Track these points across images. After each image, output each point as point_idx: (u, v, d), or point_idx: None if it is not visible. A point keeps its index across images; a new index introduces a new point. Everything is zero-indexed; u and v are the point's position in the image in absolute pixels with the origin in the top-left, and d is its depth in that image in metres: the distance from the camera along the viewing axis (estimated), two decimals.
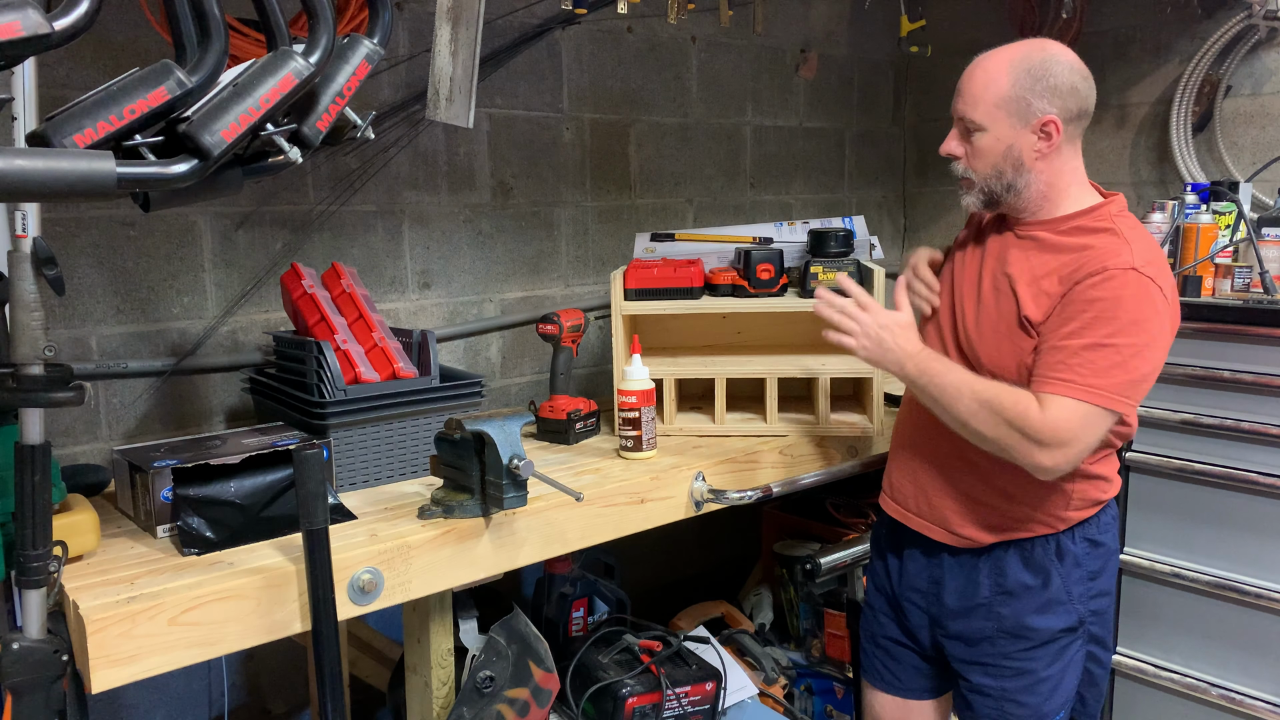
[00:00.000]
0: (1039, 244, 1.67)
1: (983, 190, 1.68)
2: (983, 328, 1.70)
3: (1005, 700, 1.76)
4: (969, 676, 1.80)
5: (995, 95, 1.62)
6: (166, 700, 2.26)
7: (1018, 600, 1.73)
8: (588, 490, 1.84)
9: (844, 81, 3.47)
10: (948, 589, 1.80)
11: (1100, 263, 1.57)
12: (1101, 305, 1.55)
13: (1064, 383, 1.55)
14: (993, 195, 1.68)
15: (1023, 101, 1.61)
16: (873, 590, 1.99)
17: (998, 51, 1.66)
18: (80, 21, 1.10)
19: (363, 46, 1.44)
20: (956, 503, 1.76)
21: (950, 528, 1.77)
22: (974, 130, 1.65)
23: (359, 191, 2.40)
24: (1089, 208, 1.67)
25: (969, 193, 1.71)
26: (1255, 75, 2.86)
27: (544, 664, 1.86)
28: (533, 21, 2.61)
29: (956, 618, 1.79)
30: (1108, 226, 1.62)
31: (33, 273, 1.31)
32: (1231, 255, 2.50)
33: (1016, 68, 1.61)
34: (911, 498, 1.83)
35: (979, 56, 1.67)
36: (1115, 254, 1.57)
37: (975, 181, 1.68)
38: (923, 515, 1.81)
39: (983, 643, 1.77)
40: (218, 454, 1.71)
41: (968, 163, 1.68)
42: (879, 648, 1.97)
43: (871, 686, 2.01)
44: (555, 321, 2.26)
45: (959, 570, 1.79)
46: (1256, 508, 2.27)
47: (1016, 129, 1.63)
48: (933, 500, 1.79)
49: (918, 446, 1.83)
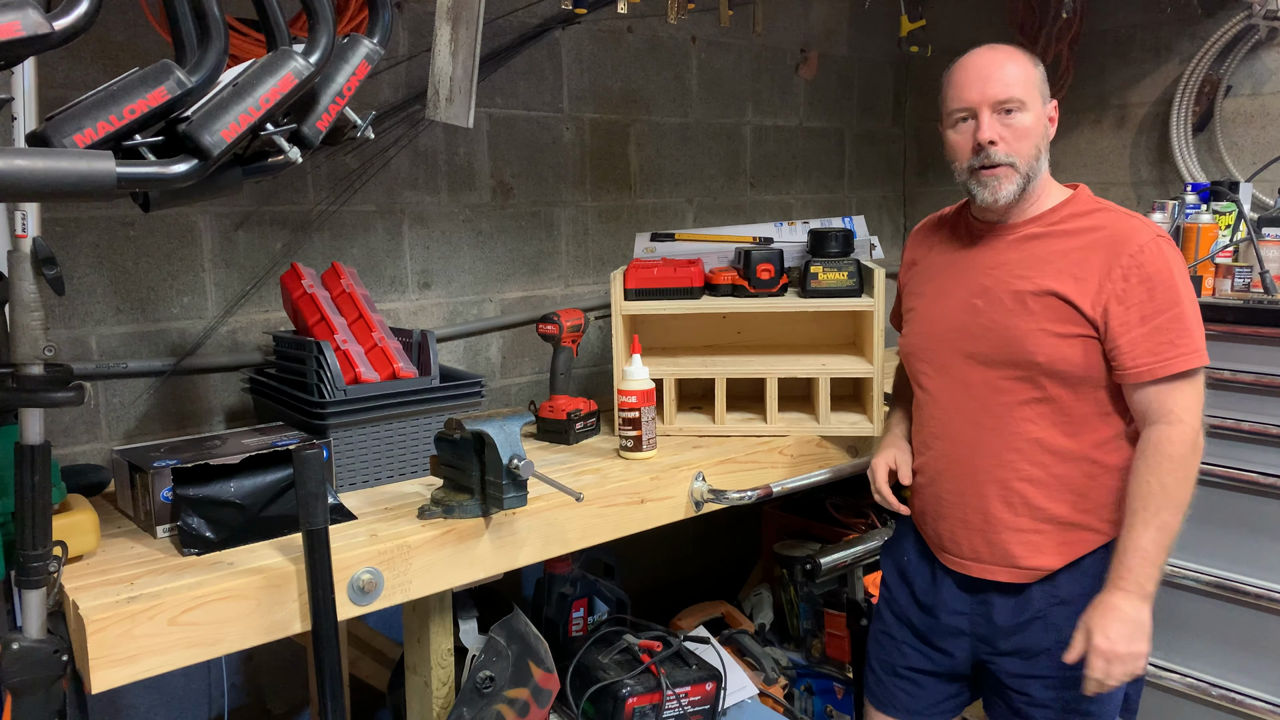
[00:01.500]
0: (1038, 238, 1.68)
1: (1025, 175, 1.65)
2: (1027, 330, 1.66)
3: (1069, 712, 1.70)
4: (1028, 691, 1.72)
5: (1028, 74, 1.66)
6: (166, 700, 2.26)
7: (1074, 608, 1.67)
8: (588, 490, 1.84)
9: (844, 81, 3.47)
10: (997, 608, 1.73)
11: (1132, 239, 1.61)
12: (1159, 279, 1.59)
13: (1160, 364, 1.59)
14: (1028, 179, 1.67)
15: (1044, 84, 1.69)
16: (891, 619, 1.90)
17: (993, 47, 1.69)
18: (80, 21, 1.10)
19: (363, 46, 1.44)
20: (1019, 538, 1.70)
21: (1016, 564, 1.70)
22: (1016, 110, 1.64)
23: (359, 191, 2.40)
24: (1068, 199, 1.71)
25: (1009, 181, 1.65)
26: (1255, 75, 2.86)
27: (544, 664, 1.86)
28: (533, 21, 2.61)
29: (1010, 635, 1.72)
30: (1098, 207, 1.68)
31: (33, 273, 1.31)
32: (1231, 255, 2.50)
33: (1026, 54, 1.68)
34: (966, 544, 1.75)
35: (975, 52, 1.69)
36: (1134, 229, 1.62)
37: (1018, 166, 1.65)
38: (982, 559, 1.73)
39: (1041, 655, 1.70)
40: (218, 454, 1.71)
41: (1010, 146, 1.64)
42: (900, 678, 1.88)
43: (882, 714, 1.92)
44: (555, 321, 2.26)
45: (1009, 589, 1.73)
46: (1257, 508, 2.27)
47: (1041, 109, 1.68)
48: (993, 541, 1.72)
49: (963, 493, 1.74)
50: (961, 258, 1.77)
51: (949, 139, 1.71)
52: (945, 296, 1.77)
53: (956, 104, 1.68)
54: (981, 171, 1.66)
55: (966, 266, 1.75)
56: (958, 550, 1.76)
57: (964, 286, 1.74)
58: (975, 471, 1.72)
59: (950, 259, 1.80)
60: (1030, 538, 1.69)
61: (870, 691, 1.96)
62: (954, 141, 1.70)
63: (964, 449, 1.74)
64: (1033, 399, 1.66)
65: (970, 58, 1.68)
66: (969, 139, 1.67)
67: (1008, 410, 1.68)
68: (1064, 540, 1.69)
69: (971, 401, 1.72)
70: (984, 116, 1.64)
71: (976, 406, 1.71)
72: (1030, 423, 1.67)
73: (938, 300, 1.79)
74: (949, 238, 1.83)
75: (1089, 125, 3.21)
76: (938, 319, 1.78)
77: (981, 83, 1.65)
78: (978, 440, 1.71)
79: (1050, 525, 1.69)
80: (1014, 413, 1.68)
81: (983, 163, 1.65)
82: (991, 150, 1.64)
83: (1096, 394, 1.65)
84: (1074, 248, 1.64)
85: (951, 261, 1.79)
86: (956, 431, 1.75)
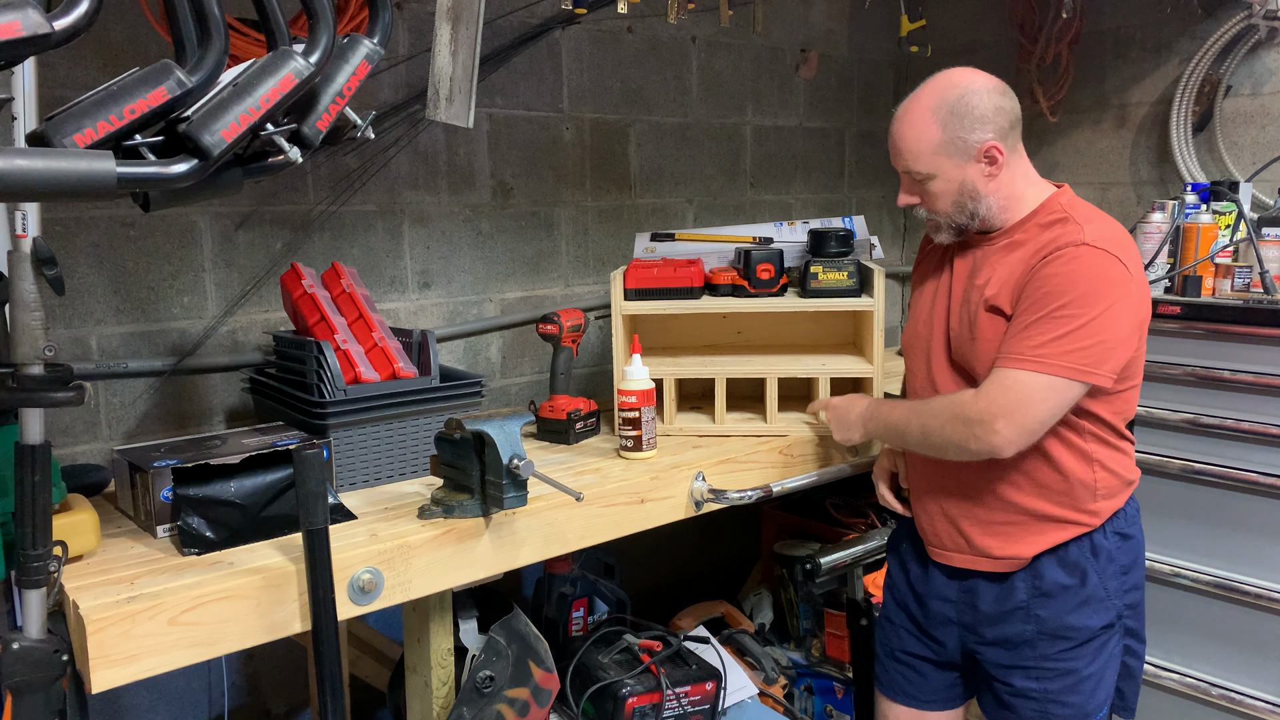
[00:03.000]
0: (1007, 247, 1.72)
1: (951, 225, 1.75)
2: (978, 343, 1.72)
3: (1049, 702, 1.74)
4: (1010, 681, 1.77)
5: (930, 144, 1.68)
6: (166, 700, 2.26)
7: (1056, 601, 1.72)
8: (588, 490, 1.84)
9: (844, 81, 3.47)
10: (982, 597, 1.78)
11: (1054, 244, 1.63)
12: (1055, 281, 1.60)
13: (1007, 356, 1.61)
14: (961, 227, 1.74)
15: (958, 140, 1.67)
16: (891, 604, 1.98)
17: (914, 101, 1.71)
18: (80, 21, 1.10)
19: (363, 46, 1.44)
20: (992, 531, 1.75)
21: (992, 554, 1.76)
22: (923, 180, 1.71)
23: (359, 191, 2.40)
24: (1040, 205, 1.72)
25: (939, 231, 1.77)
26: (1255, 75, 2.86)
27: (544, 664, 1.86)
28: (533, 21, 2.61)
29: (994, 624, 1.77)
30: (1061, 217, 1.68)
31: (33, 273, 1.31)
32: (1231, 255, 2.50)
33: (939, 112, 1.66)
34: (947, 537, 1.81)
35: (898, 110, 1.73)
36: (1068, 235, 1.63)
37: (941, 221, 1.75)
38: (962, 550, 1.79)
39: (1022, 646, 1.75)
40: (218, 454, 1.71)
41: (928, 206, 1.75)
42: (899, 661, 1.95)
43: (888, 699, 1.98)
44: (555, 321, 2.26)
45: (994, 577, 1.77)
46: (1257, 508, 2.27)
47: (962, 165, 1.68)
48: (969, 534, 1.78)
49: (944, 488, 1.81)
50: (948, 265, 1.83)
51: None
52: (930, 301, 1.85)
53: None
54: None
55: (951, 274, 1.81)
56: (939, 542, 1.83)
57: (944, 293, 1.81)
58: (950, 469, 1.76)
59: (940, 265, 1.86)
60: (1005, 529, 1.74)
61: (878, 678, 2.02)
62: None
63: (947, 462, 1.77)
64: None
65: (892, 121, 1.74)
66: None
67: None
68: (1038, 530, 1.73)
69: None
70: (903, 180, 1.76)
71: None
72: None
73: (924, 304, 1.87)
74: (943, 244, 1.87)
75: (1089, 125, 3.21)
76: (922, 321, 1.86)
77: (892, 153, 1.75)
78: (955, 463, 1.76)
79: (1024, 517, 1.73)
80: None
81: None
82: (914, 209, 1.76)
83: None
84: (1021, 258, 1.68)
85: (941, 268, 1.86)
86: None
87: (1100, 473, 1.71)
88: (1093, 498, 1.71)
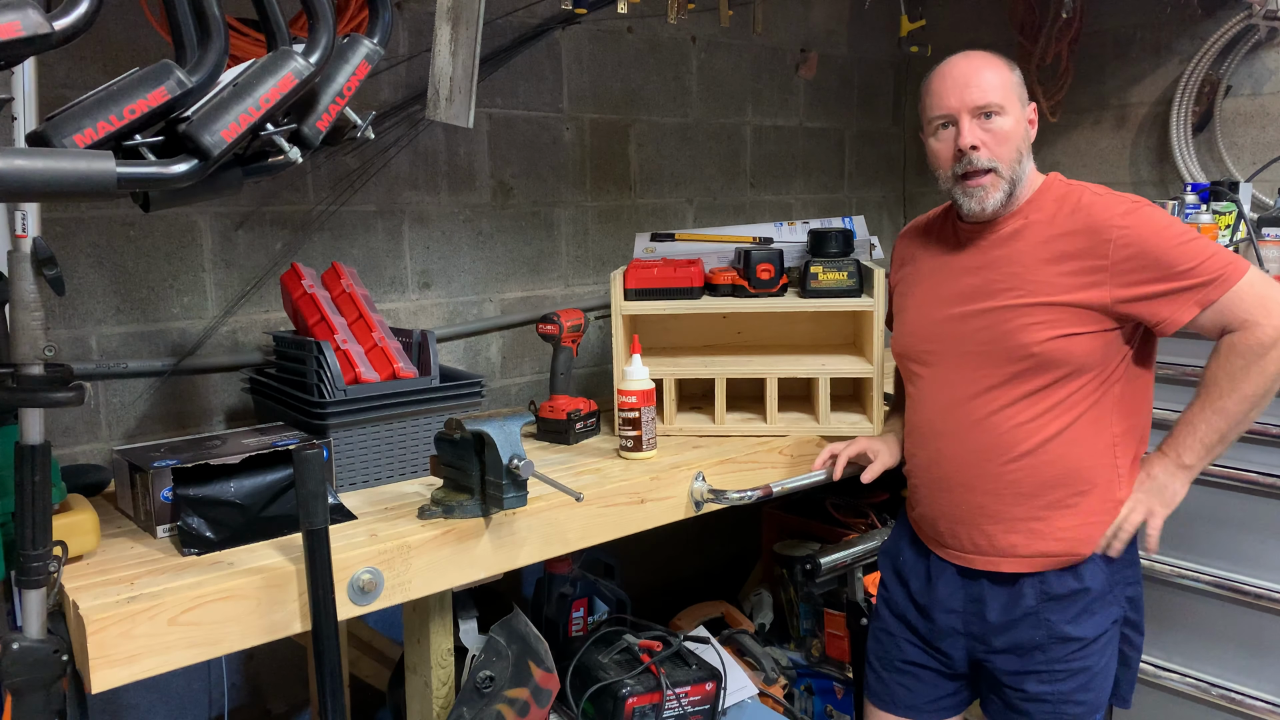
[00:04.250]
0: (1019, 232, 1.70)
1: (1009, 180, 1.67)
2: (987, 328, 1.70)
3: (1063, 703, 1.72)
4: (1023, 687, 1.74)
5: (1005, 79, 1.68)
6: (166, 700, 2.26)
7: (1065, 604, 1.70)
8: (588, 490, 1.84)
9: (844, 81, 3.47)
10: (990, 606, 1.75)
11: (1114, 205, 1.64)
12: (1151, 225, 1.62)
13: (1209, 286, 1.59)
14: (1013, 184, 1.68)
15: (1021, 87, 1.71)
16: (888, 615, 1.92)
17: (969, 54, 1.71)
18: (80, 21, 1.10)
19: (363, 46, 1.44)
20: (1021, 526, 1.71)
21: (1019, 553, 1.72)
22: (995, 114, 1.67)
23: (359, 191, 2.40)
24: (1041, 187, 1.73)
25: (995, 190, 1.67)
26: (1255, 75, 2.86)
27: (544, 664, 1.86)
28: (533, 21, 2.61)
29: (1003, 632, 1.74)
30: (1069, 190, 1.70)
31: (33, 273, 1.31)
32: None
33: (1002, 60, 1.70)
34: (967, 539, 1.76)
35: (952, 59, 1.71)
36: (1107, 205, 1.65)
37: (1001, 172, 1.67)
38: (983, 552, 1.75)
39: (1034, 651, 1.72)
40: (218, 454, 1.71)
41: (991, 151, 1.66)
42: (898, 672, 1.89)
43: (884, 711, 1.93)
44: (555, 321, 2.26)
45: (1002, 584, 1.75)
46: (1256, 508, 2.27)
47: (1021, 114, 1.70)
48: (992, 533, 1.73)
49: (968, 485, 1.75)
50: (949, 261, 1.80)
51: (931, 147, 1.75)
52: (935, 298, 1.81)
53: (937, 111, 1.71)
54: (966, 182, 1.68)
55: (955, 269, 1.78)
56: (958, 545, 1.78)
57: (952, 288, 1.77)
58: (970, 466, 1.74)
59: (939, 262, 1.83)
60: (1031, 525, 1.71)
61: (870, 690, 1.97)
62: (936, 149, 1.73)
63: (957, 445, 1.76)
64: (1024, 395, 1.68)
65: (947, 65, 1.71)
66: (950, 146, 1.69)
67: (999, 406, 1.70)
68: (1065, 527, 1.70)
69: (963, 399, 1.74)
70: (964, 122, 1.67)
71: (967, 403, 1.74)
72: (1021, 415, 1.69)
73: (927, 302, 1.83)
74: (937, 240, 1.86)
75: (1089, 125, 3.21)
76: (928, 320, 1.81)
77: (960, 89, 1.67)
78: (970, 436, 1.73)
79: (1050, 512, 1.70)
80: (1005, 408, 1.70)
81: (965, 169, 1.68)
82: (974, 155, 1.66)
83: (1089, 386, 1.67)
84: (1054, 235, 1.66)
85: (941, 265, 1.82)
86: (950, 429, 1.77)
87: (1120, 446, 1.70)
88: (1117, 492, 1.71)
